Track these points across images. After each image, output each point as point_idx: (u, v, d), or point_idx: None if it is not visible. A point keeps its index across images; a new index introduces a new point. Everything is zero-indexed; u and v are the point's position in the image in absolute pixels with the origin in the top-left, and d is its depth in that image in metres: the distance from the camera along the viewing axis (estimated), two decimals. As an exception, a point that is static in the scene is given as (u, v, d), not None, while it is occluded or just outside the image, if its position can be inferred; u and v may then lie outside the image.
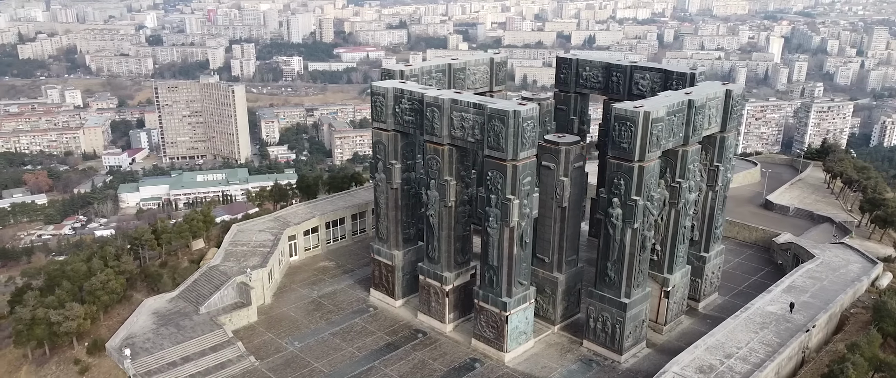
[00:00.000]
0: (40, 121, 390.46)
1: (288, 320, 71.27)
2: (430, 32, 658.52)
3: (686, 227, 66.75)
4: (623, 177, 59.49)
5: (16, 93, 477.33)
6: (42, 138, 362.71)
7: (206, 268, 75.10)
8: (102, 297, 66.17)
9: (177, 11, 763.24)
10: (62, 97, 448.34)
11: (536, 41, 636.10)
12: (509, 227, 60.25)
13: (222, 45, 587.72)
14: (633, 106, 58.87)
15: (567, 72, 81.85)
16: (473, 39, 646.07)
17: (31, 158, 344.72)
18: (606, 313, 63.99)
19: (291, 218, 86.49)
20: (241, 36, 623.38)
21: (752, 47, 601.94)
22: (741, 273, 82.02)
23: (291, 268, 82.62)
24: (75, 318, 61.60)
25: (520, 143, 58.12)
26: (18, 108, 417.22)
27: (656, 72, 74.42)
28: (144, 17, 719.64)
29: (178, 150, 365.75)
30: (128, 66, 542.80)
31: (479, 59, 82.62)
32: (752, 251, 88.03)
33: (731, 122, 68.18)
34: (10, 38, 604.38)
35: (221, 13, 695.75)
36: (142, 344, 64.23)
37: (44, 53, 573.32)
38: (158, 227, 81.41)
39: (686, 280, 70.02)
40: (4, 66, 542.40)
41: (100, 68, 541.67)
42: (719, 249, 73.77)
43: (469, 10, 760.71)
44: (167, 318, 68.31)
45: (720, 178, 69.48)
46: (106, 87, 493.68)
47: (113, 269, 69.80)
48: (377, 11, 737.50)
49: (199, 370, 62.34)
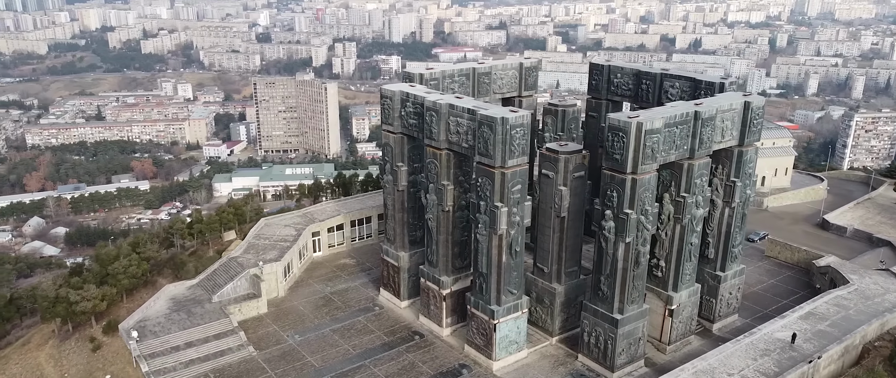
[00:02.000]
0: (152, 112, 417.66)
1: (295, 314, 73.47)
2: (529, 34, 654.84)
3: (693, 243, 63.82)
4: (616, 189, 57.70)
5: (136, 85, 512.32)
6: (151, 128, 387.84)
7: (225, 258, 78.52)
8: (123, 280, 70.55)
9: (289, 10, 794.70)
10: (175, 90, 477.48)
11: (638, 44, 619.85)
12: (498, 234, 59.71)
13: (326, 43, 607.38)
14: (627, 116, 57.07)
15: (599, 78, 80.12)
16: (573, 41, 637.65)
17: (141, 146, 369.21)
18: (599, 328, 62.23)
19: (318, 215, 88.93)
20: (344, 35, 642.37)
21: (874, 54, 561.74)
22: (772, 295, 77.45)
23: (314, 263, 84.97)
24: (91, 299, 66.01)
25: (508, 150, 57.54)
26: (135, 100, 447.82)
27: (685, 80, 71.70)
28: (258, 15, 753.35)
29: (273, 144, 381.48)
30: (237, 62, 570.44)
31: (507, 64, 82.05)
32: (792, 273, 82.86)
33: (751, 136, 64.60)
34: (136, 33, 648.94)
35: (329, 12, 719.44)
36: (152, 327, 68.01)
37: (163, 48, 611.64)
38: (194, 218, 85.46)
39: (694, 300, 66.90)
40: (128, 59, 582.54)
41: (212, 63, 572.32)
42: (738, 269, 69.98)
43: (573, 11, 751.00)
44: (181, 305, 71.96)
45: (737, 195, 65.90)
46: (216, 82, 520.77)
47: (138, 255, 74.11)
48: (480, 12, 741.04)
49: (199, 356, 65.40)
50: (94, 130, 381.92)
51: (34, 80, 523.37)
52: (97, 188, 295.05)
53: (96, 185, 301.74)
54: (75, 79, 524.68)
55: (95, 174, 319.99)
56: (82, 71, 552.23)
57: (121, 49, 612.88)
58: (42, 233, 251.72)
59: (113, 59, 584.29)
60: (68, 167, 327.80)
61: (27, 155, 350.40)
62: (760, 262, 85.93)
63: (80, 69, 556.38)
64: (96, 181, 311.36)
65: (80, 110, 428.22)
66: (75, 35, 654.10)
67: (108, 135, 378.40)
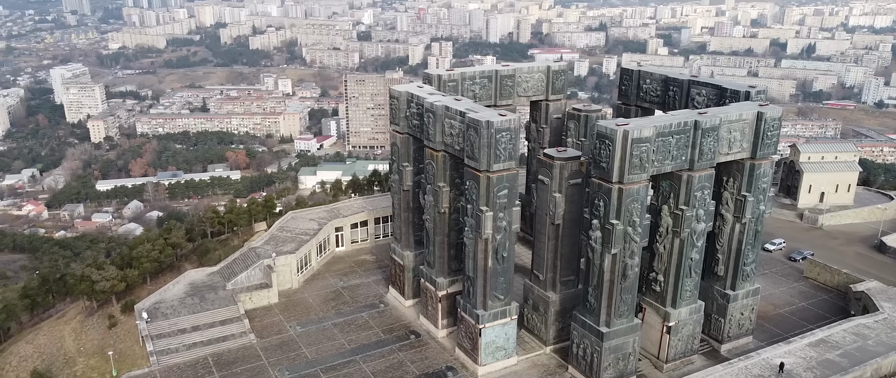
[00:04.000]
0: (252, 105, 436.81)
1: (303, 306, 75.47)
2: (629, 36, 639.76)
3: (693, 259, 60.99)
4: (602, 198, 56.06)
5: (242, 79, 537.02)
6: (249, 121, 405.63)
7: (246, 248, 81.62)
8: (145, 263, 74.69)
9: (392, 9, 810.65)
10: (276, 85, 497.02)
11: (746, 48, 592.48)
12: (483, 238, 59.25)
13: (423, 42, 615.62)
14: (615, 123, 55.27)
15: (628, 84, 78.03)
16: (675, 44, 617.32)
17: (238, 138, 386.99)
18: (587, 340, 60.61)
19: (344, 210, 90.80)
20: (442, 34, 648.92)
21: None
22: (799, 319, 72.74)
23: (335, 257, 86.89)
24: (111, 279, 70.38)
25: (493, 154, 57.06)
26: (237, 93, 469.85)
27: (712, 88, 68.94)
28: (363, 14, 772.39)
29: (360, 140, 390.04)
30: (337, 60, 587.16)
31: (533, 67, 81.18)
32: (828, 297, 77.49)
33: (764, 149, 61.08)
34: (246, 30, 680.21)
35: (431, 12, 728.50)
36: (165, 309, 71.75)
37: (270, 45, 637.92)
38: (227, 207, 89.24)
39: (697, 318, 63.87)
40: (237, 54, 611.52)
41: (313, 60, 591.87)
42: (751, 289, 66.17)
43: (679, 13, 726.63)
44: (197, 290, 75.46)
45: (748, 210, 62.39)
46: (315, 78, 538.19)
47: (164, 241, 78.26)
48: (581, 13, 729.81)
49: (202, 339, 68.41)
50: (196, 121, 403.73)
51: (151, 72, 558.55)
52: (193, 176, 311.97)
53: (192, 173, 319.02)
54: (188, 72, 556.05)
55: (193, 162, 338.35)
56: (195, 65, 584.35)
57: (231, 45, 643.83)
58: (138, 216, 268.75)
59: (223, 54, 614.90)
60: (169, 155, 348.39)
61: (136, 142, 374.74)
62: (797, 283, 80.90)
63: (192, 63, 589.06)
64: (193, 169, 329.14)
65: (187, 102, 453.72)
66: (191, 31, 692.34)
67: (209, 126, 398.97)
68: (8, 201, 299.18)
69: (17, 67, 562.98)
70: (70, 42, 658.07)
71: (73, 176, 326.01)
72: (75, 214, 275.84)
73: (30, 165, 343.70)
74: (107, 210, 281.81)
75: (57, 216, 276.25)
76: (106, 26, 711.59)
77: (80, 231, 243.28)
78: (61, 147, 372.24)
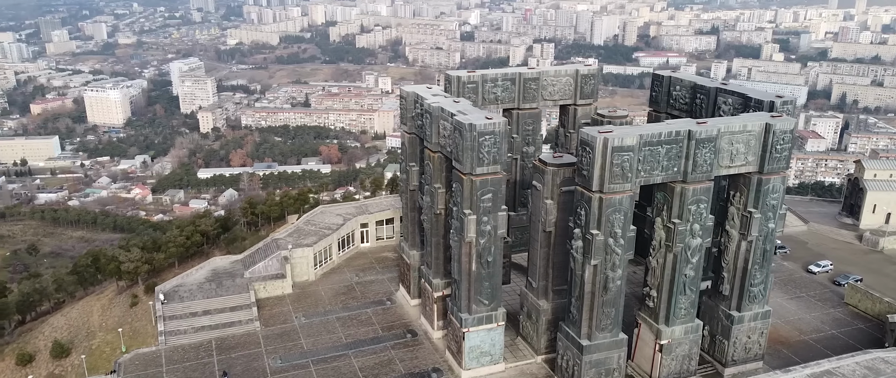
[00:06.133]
0: (351, 101, 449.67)
1: (314, 298, 77.39)
2: (743, 40, 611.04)
3: (687, 275, 58.02)
4: (584, 207, 54.42)
5: (345, 76, 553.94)
6: (346, 117, 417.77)
7: (270, 239, 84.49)
8: (171, 248, 78.89)
9: (499, 10, 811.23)
10: (376, 82, 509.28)
11: (872, 55, 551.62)
12: (466, 242, 58.82)
13: (525, 43, 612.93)
14: (598, 130, 53.47)
15: (659, 90, 75.52)
16: (793, 50, 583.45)
17: (334, 133, 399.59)
18: (569, 353, 59.03)
19: (371, 207, 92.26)
20: (545, 35, 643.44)
21: None
22: (824, 348, 67.60)
23: (358, 253, 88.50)
24: (134, 261, 74.86)
25: (476, 157, 56.49)
26: (338, 90, 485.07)
27: (738, 96, 65.56)
28: (470, 15, 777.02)
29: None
30: (438, 59, 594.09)
31: (560, 71, 79.69)
32: (865, 326, 71.61)
33: (773, 163, 57.21)
34: (354, 29, 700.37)
35: (538, 13, 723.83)
36: (183, 292, 75.52)
37: (375, 43, 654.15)
38: (262, 200, 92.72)
39: (694, 338, 60.70)
40: (343, 52, 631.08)
41: (415, 59, 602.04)
42: (759, 311, 62.12)
43: (802, 17, 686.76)
44: (217, 276, 78.93)
45: (754, 228, 58.61)
46: (415, 77, 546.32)
47: (194, 227, 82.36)
48: (695, 15, 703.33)
49: (211, 323, 71.55)
50: (296, 115, 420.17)
51: (263, 68, 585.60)
52: (286, 168, 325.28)
53: (286, 166, 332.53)
54: (296, 68, 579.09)
55: (288, 155, 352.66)
56: (303, 61, 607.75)
57: (339, 43, 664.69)
58: (231, 204, 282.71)
59: (331, 51, 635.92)
60: (268, 147, 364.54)
61: (239, 134, 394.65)
62: (834, 308, 75.22)
63: (302, 60, 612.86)
64: (288, 161, 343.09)
65: (290, 96, 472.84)
66: (303, 28, 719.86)
67: (308, 120, 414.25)
68: (119, 184, 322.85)
69: (145, 60, 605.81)
70: (193, 38, 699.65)
71: (178, 163, 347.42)
72: (175, 199, 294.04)
73: (143, 152, 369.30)
74: (204, 196, 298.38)
75: (159, 200, 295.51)
76: (227, 23, 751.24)
77: (176, 215, 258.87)
78: (173, 136, 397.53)
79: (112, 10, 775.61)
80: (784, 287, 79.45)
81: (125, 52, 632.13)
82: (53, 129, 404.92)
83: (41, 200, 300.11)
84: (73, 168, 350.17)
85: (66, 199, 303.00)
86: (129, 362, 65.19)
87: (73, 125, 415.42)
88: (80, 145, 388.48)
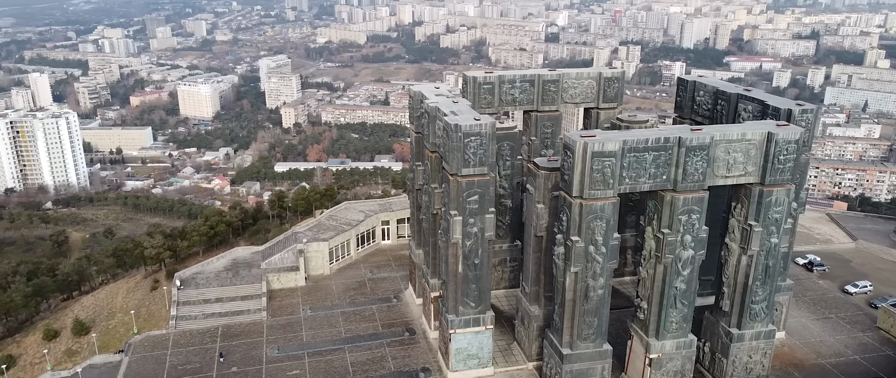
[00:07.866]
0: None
1: (324, 292, 78.72)
2: (845, 45, 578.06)
3: (678, 288, 55.64)
4: (565, 212, 53.14)
5: (427, 76, 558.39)
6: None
7: (290, 232, 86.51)
8: (193, 237, 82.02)
9: (588, 11, 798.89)
10: (456, 83, 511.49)
11: None
12: (452, 243, 58.48)
13: (610, 45, 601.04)
14: (580, 134, 52.08)
15: (683, 95, 73.38)
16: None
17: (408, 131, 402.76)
18: (552, 361, 57.74)
19: (395, 205, 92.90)
20: (633, 38, 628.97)
21: None
22: (841, 373, 63.40)
23: (378, 249, 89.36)
24: (156, 248, 78.28)
25: (462, 158, 56.17)
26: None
27: (757, 103, 62.81)
28: (558, 16, 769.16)
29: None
30: (521, 60, 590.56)
31: (583, 73, 78.05)
32: (894, 353, 66.54)
33: (775, 174, 54.15)
34: (439, 29, 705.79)
35: (628, 14, 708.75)
36: (200, 279, 78.39)
37: (459, 43, 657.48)
38: (292, 194, 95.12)
39: (687, 353, 58.11)
40: (427, 52, 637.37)
41: (498, 60, 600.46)
42: (762, 330, 58.92)
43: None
44: (236, 265, 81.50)
45: (755, 242, 55.65)
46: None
47: (218, 218, 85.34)
48: (796, 18, 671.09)
49: (220, 311, 74.01)
50: (374, 113, 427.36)
51: (349, 66, 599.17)
52: (358, 164, 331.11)
53: (359, 162, 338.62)
54: (381, 67, 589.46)
55: (362, 152, 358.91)
56: (388, 60, 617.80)
57: (424, 42, 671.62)
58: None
59: (415, 51, 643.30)
60: (343, 143, 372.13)
61: (318, 129, 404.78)
62: (863, 332, 70.32)
63: (386, 58, 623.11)
64: (361, 158, 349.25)
65: (371, 94, 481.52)
66: (390, 28, 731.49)
67: (385, 118, 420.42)
68: (202, 175, 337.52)
69: (238, 57, 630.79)
70: (285, 36, 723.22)
71: (258, 156, 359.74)
72: (251, 191, 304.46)
73: (228, 144, 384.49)
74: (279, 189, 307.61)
75: (236, 192, 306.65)
76: (318, 22, 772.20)
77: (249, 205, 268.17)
78: (256, 130, 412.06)
79: (213, 9, 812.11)
80: (812, 306, 74.90)
81: (221, 48, 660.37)
82: (148, 120, 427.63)
83: (128, 187, 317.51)
84: (162, 158, 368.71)
85: (151, 186, 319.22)
86: (139, 343, 68.27)
87: (166, 117, 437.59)
88: (170, 136, 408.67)
